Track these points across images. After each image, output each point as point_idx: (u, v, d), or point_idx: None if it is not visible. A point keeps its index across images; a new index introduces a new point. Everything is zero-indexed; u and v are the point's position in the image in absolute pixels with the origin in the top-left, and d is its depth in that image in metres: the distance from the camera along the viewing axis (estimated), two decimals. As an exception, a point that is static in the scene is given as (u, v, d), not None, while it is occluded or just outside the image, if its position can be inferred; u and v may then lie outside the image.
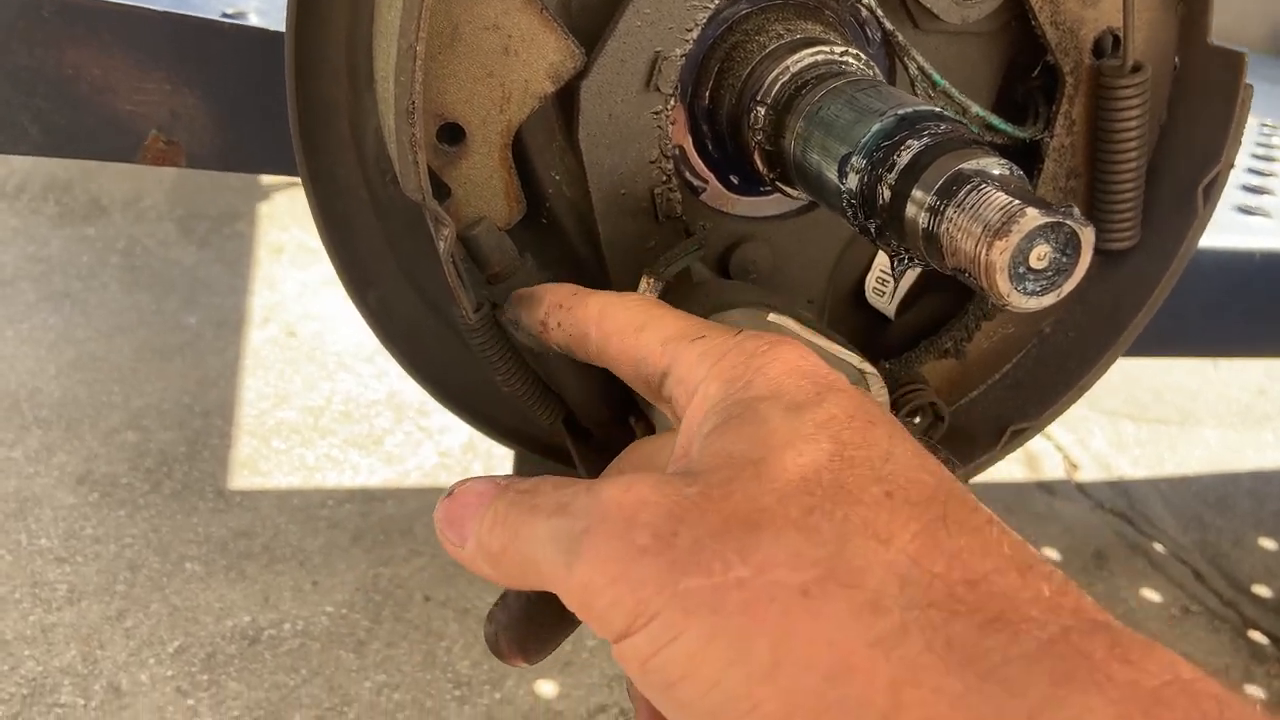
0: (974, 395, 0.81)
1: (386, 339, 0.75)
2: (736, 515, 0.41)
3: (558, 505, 0.45)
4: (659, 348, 0.52)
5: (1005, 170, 0.51)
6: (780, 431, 0.44)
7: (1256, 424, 2.31)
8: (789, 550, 0.39)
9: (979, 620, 0.37)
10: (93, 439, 1.87)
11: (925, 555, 0.39)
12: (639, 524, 0.41)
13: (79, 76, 0.83)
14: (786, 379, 0.47)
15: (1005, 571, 0.39)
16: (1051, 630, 0.36)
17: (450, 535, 0.50)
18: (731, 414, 0.46)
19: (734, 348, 0.49)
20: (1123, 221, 0.74)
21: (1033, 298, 0.49)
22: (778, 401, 0.45)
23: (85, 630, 1.50)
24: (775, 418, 0.44)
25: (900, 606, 0.38)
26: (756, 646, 0.38)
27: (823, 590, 0.38)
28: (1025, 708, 0.35)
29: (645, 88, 0.66)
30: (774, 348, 0.48)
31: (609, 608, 0.41)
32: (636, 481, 0.43)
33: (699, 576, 0.39)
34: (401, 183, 0.60)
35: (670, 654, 0.39)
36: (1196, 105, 0.73)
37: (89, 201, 2.70)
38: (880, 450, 0.43)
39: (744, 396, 0.46)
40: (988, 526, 0.41)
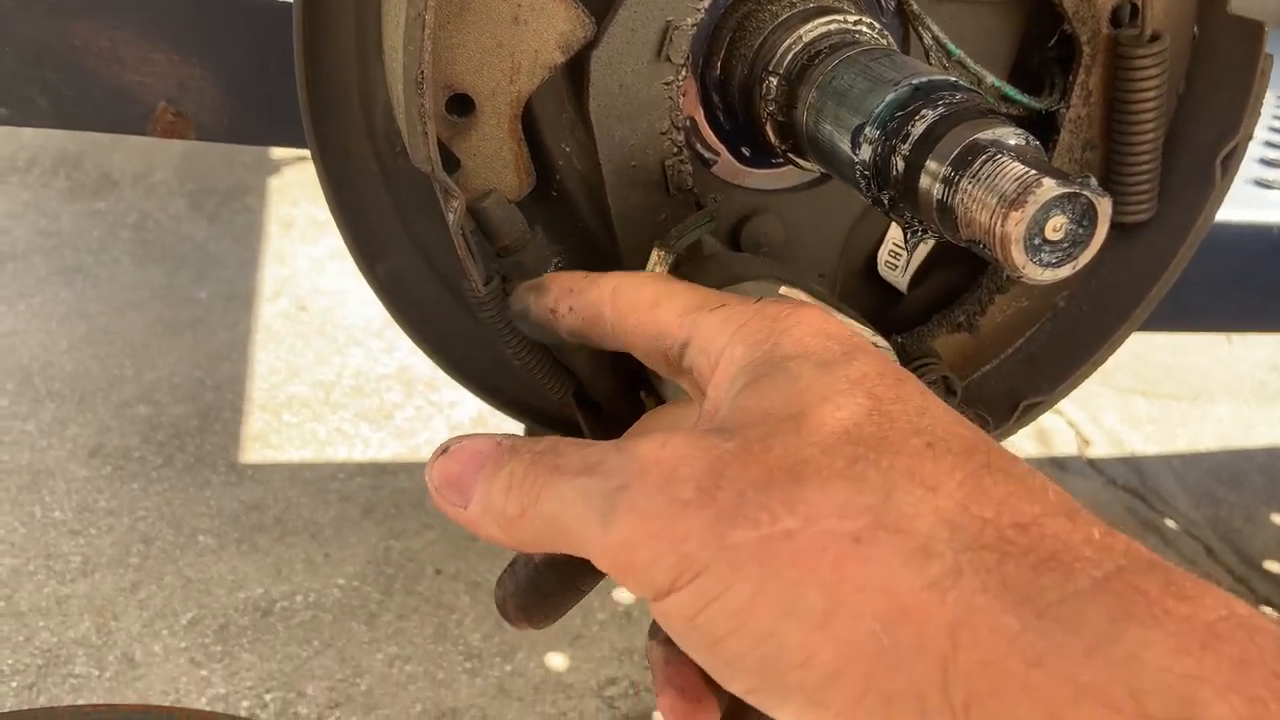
0: (987, 369, 0.80)
1: (396, 311, 0.75)
2: (780, 467, 0.40)
3: (585, 464, 0.44)
4: (677, 320, 0.51)
5: (1021, 140, 0.50)
6: (815, 387, 0.43)
7: (1270, 400, 2.30)
8: (836, 500, 0.39)
9: (1032, 561, 0.37)
10: (105, 413, 1.88)
11: (973, 501, 0.39)
12: (680, 478, 0.40)
13: (86, 48, 0.82)
14: (812, 340, 0.46)
15: (1054, 516, 0.39)
16: (1106, 569, 0.36)
17: (450, 496, 0.48)
18: (761, 373, 0.45)
19: (755, 313, 0.48)
20: (1139, 194, 0.73)
21: (1048, 270, 0.48)
22: (807, 360, 0.45)
23: (99, 602, 1.51)
24: (808, 374, 0.44)
25: (953, 550, 0.37)
26: (809, 596, 0.37)
27: (874, 537, 0.38)
28: (1083, 643, 0.34)
29: (656, 58, 0.65)
30: (797, 311, 0.48)
31: (651, 565, 0.40)
32: (672, 438, 0.42)
33: (746, 529, 0.39)
34: (410, 154, 0.60)
35: (718, 609, 0.38)
36: (1215, 75, 0.71)
37: (100, 176, 2.70)
38: (915, 405, 0.43)
39: (772, 356, 0.46)
40: (1031, 475, 0.41)
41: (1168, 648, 0.34)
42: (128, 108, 0.84)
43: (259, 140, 0.87)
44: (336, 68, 0.69)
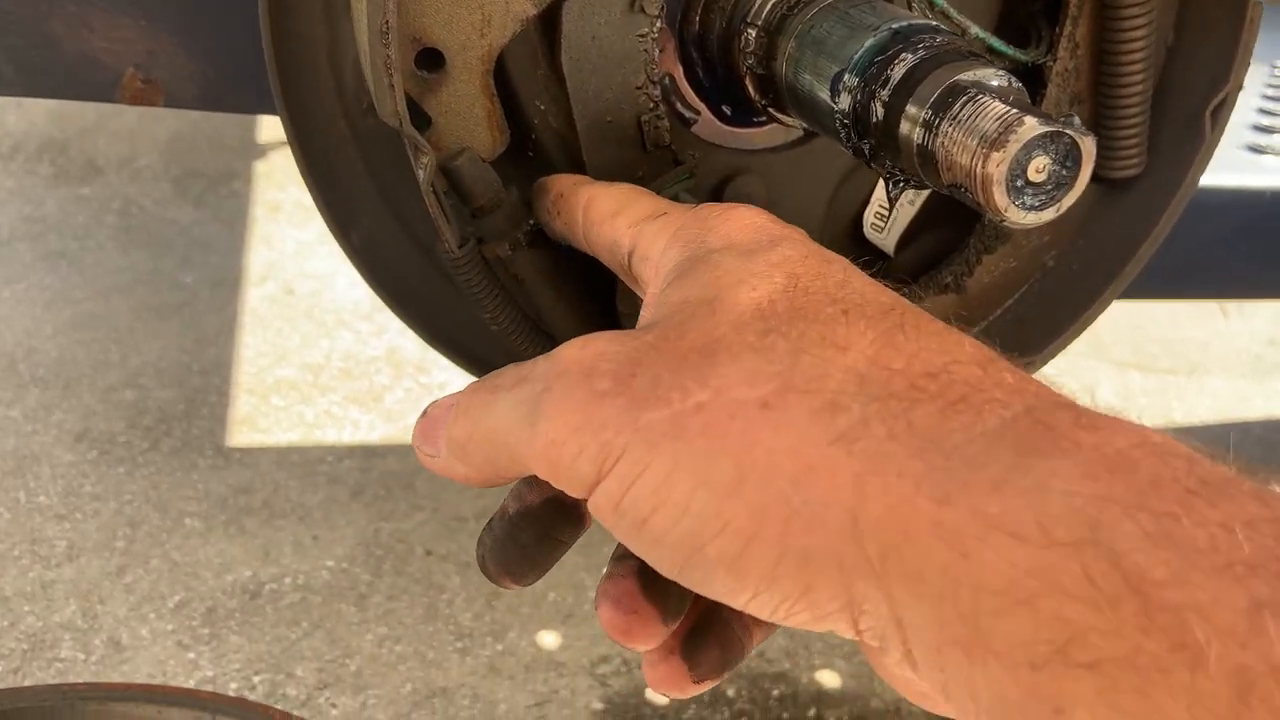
0: (975, 331, 0.78)
1: (372, 279, 0.74)
2: (694, 348, 0.41)
3: (517, 378, 0.45)
4: (627, 229, 0.52)
5: (1003, 81, 0.49)
6: (734, 271, 0.43)
7: (1266, 374, 2.29)
8: (746, 370, 0.39)
9: (940, 405, 0.37)
10: (91, 397, 1.86)
11: (883, 355, 0.39)
12: (598, 373, 0.41)
13: (52, 14, 0.80)
14: (739, 232, 0.46)
15: (966, 364, 0.39)
16: (1015, 409, 0.36)
17: (425, 449, 0.49)
18: (685, 269, 0.46)
19: (691, 217, 0.49)
20: (1128, 148, 0.72)
21: (1031, 213, 0.47)
22: (730, 250, 0.45)
23: (85, 586, 1.50)
24: (727, 262, 0.44)
25: (860, 402, 0.37)
26: (720, 464, 0.38)
27: (782, 400, 0.38)
28: (989, 478, 0.34)
29: (630, 9, 0.63)
30: (730, 209, 0.48)
31: (576, 458, 0.40)
32: (594, 338, 0.43)
33: (659, 408, 0.39)
34: (378, 108, 0.58)
35: (639, 489, 0.39)
36: (1204, 25, 0.70)
37: (84, 162, 2.67)
38: (836, 279, 0.44)
39: (698, 252, 0.46)
40: (947, 331, 0.41)
41: (1075, 474, 0.33)
42: (96, 75, 0.82)
43: (229, 107, 0.85)
44: (304, 28, 0.67)
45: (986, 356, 0.40)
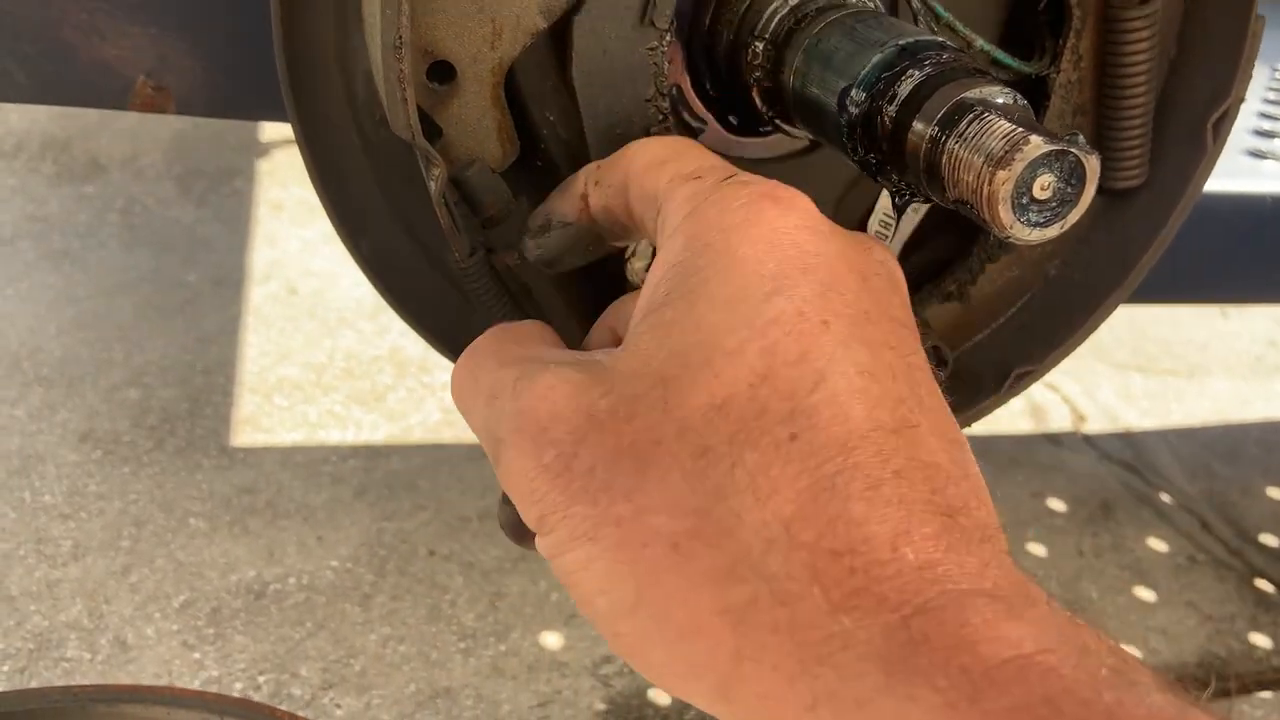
0: (978, 339, 0.79)
1: (382, 287, 0.74)
2: (634, 446, 0.41)
3: (490, 392, 0.47)
4: (665, 183, 0.49)
5: (1009, 99, 0.50)
6: (704, 344, 0.41)
7: (1266, 374, 2.29)
8: (670, 496, 0.40)
9: (833, 598, 0.36)
10: (94, 397, 1.87)
11: (799, 520, 0.38)
12: (546, 441, 0.42)
13: (64, 21, 0.81)
14: (748, 249, 0.42)
15: (875, 544, 0.37)
16: (903, 611, 0.35)
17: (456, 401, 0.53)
18: (671, 296, 0.43)
19: (714, 196, 0.45)
20: (1130, 159, 0.73)
21: (1036, 229, 0.48)
22: (720, 289, 0.42)
23: (90, 585, 1.50)
24: (706, 322, 0.41)
25: (757, 576, 0.37)
26: (623, 584, 0.40)
27: (690, 548, 0.39)
28: (855, 695, 0.35)
29: (640, 23, 0.64)
30: (754, 204, 0.44)
31: (523, 508, 0.44)
32: (556, 388, 0.43)
33: (586, 505, 0.41)
34: (390, 121, 0.59)
35: (562, 563, 0.42)
36: (1206, 38, 0.71)
37: (87, 160, 2.68)
38: (813, 370, 0.40)
39: (694, 267, 0.43)
40: (890, 481, 0.38)
41: (937, 703, 0.33)
42: (107, 82, 0.83)
43: (241, 114, 0.86)
44: (316, 37, 0.68)
45: (901, 529, 0.37)
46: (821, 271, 0.42)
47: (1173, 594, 1.69)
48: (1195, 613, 1.66)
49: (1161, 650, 1.58)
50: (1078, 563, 1.73)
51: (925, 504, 0.38)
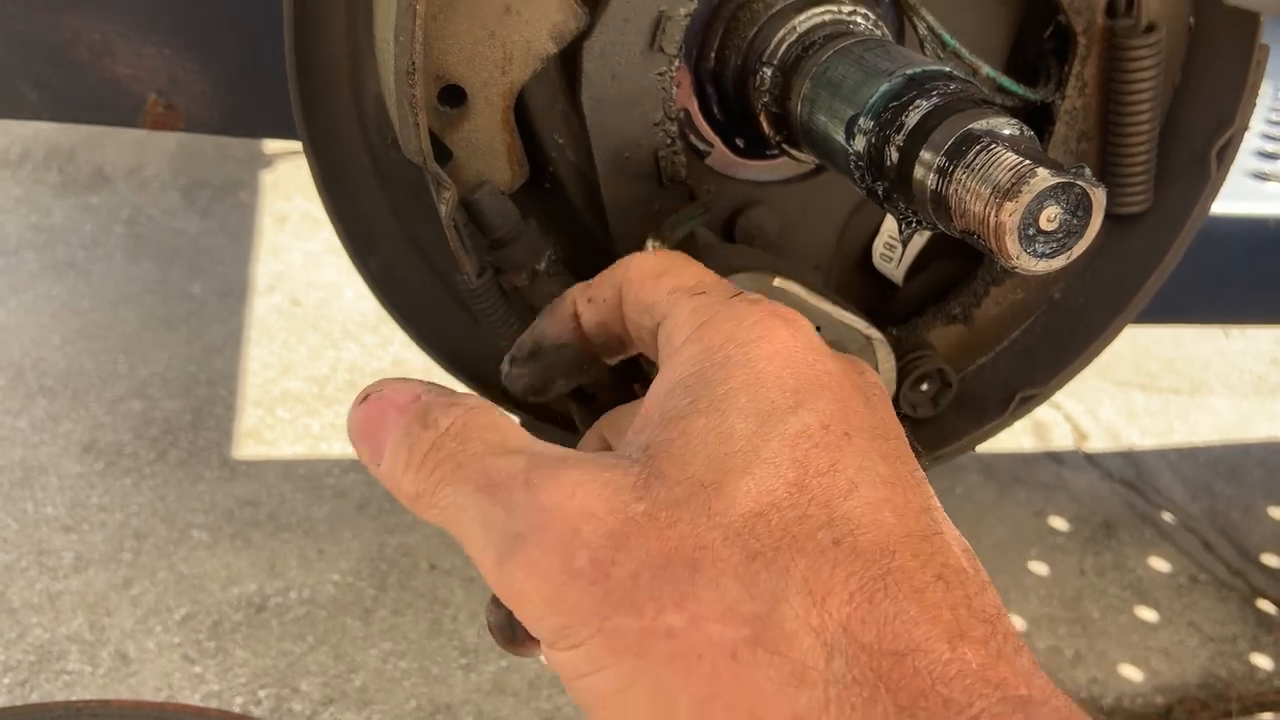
0: (982, 361, 0.80)
1: (389, 305, 0.75)
2: (680, 551, 0.39)
3: (488, 480, 0.42)
4: (667, 295, 0.49)
5: (1016, 130, 0.50)
6: (741, 453, 0.41)
7: (1269, 394, 2.30)
8: (724, 602, 0.38)
9: (899, 702, 0.36)
10: (98, 408, 1.87)
11: (857, 622, 0.38)
12: (579, 542, 0.39)
13: (77, 41, 0.82)
14: (767, 365, 0.43)
15: (935, 643, 0.37)
16: (970, 712, 0.36)
17: (365, 448, 0.47)
18: (699, 405, 0.43)
19: (726, 311, 0.46)
20: (1135, 185, 0.73)
21: (1042, 260, 0.48)
22: (750, 402, 0.42)
23: (92, 598, 1.50)
24: (741, 430, 0.41)
25: (825, 681, 0.37)
26: (679, 702, 0.37)
27: (751, 655, 0.37)
28: None
29: (649, 48, 0.65)
30: (765, 321, 0.45)
31: (537, 620, 0.40)
32: (584, 485, 0.41)
33: (630, 616, 0.38)
34: (402, 145, 0.59)
35: (591, 684, 0.39)
36: (1211, 67, 0.71)
37: (92, 170, 2.69)
38: (845, 479, 0.41)
39: (718, 378, 0.43)
40: (934, 584, 0.39)
41: None
42: (118, 100, 0.83)
43: (251, 132, 0.86)
44: (327, 59, 0.69)
45: (959, 628, 0.38)
46: (835, 388, 0.44)
47: (1174, 614, 1.69)
48: (1197, 633, 1.66)
49: (1163, 671, 1.58)
50: (1079, 582, 1.73)
51: (967, 609, 0.39)
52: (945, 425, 0.76)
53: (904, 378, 0.74)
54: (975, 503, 1.89)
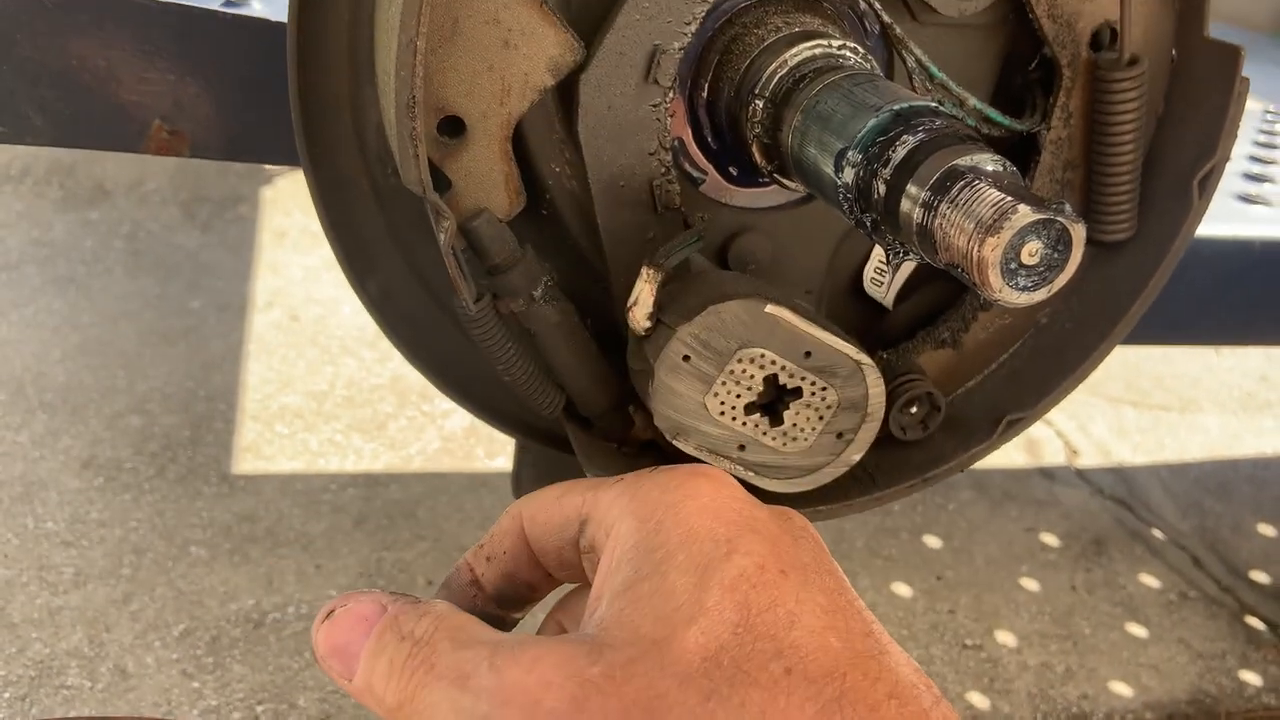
0: (971, 385, 0.81)
1: (388, 327, 0.76)
2: (638, 703, 0.41)
3: (458, 673, 0.44)
4: (579, 500, 0.52)
5: (999, 166, 0.52)
6: (686, 606, 0.44)
7: (1258, 410, 2.31)
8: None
9: None
10: (97, 423, 1.88)
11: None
12: (541, 713, 0.41)
13: (83, 67, 0.83)
14: (698, 520, 0.46)
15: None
16: None
17: (335, 665, 0.49)
18: (641, 572, 0.46)
19: (650, 484, 0.49)
20: (1119, 213, 0.75)
21: (1024, 293, 0.50)
22: (687, 558, 0.45)
23: (91, 613, 1.51)
24: (682, 586, 0.44)
25: None
26: None
27: None
28: None
29: (644, 80, 0.66)
30: (689, 481, 0.48)
31: None
32: (541, 659, 0.43)
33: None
34: (402, 175, 0.61)
35: None
36: (1193, 98, 0.73)
37: (93, 186, 2.70)
38: (786, 613, 0.44)
39: (655, 544, 0.46)
40: (887, 702, 0.41)
41: None
42: (123, 125, 0.85)
43: (254, 158, 0.88)
44: (329, 88, 0.70)
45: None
46: (765, 531, 0.47)
47: (1164, 630, 1.70)
48: (1186, 649, 1.67)
49: (1153, 687, 1.60)
50: (1070, 598, 1.75)
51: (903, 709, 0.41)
52: (934, 448, 0.78)
53: (893, 401, 0.76)
54: (967, 519, 1.90)
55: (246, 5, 1.17)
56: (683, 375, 0.63)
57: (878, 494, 0.76)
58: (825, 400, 0.65)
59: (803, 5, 0.70)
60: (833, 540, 1.80)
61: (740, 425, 0.65)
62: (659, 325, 0.64)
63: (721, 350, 0.62)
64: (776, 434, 0.66)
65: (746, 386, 0.64)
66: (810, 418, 0.66)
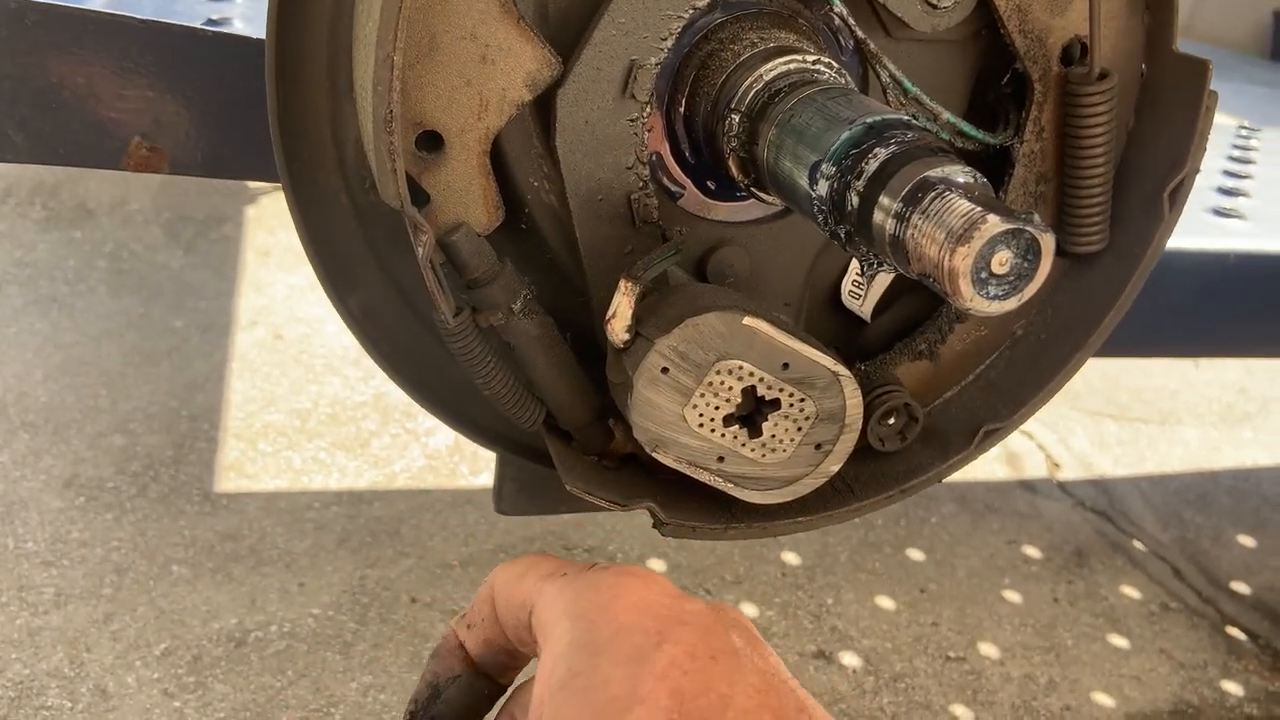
0: (948, 396, 0.82)
1: (369, 343, 0.76)
2: None
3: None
4: (533, 586, 0.55)
5: (969, 178, 0.52)
6: (621, 698, 0.45)
7: (1236, 422, 2.33)
8: None
9: None
10: (80, 443, 1.87)
11: None
12: None
13: (62, 84, 0.83)
14: (628, 616, 0.49)
15: None
16: None
17: None
18: (576, 668, 0.48)
19: (586, 584, 0.52)
20: (1091, 225, 0.75)
21: (995, 302, 0.50)
22: (619, 651, 0.47)
23: (72, 633, 1.50)
24: (616, 678, 0.46)
25: None
26: None
27: None
28: None
29: (621, 95, 0.67)
30: (619, 581, 0.51)
31: None
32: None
33: None
34: (380, 190, 0.61)
35: None
36: (1162, 112, 0.74)
37: (76, 205, 2.70)
38: (719, 696, 0.45)
39: (587, 640, 0.48)
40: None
41: None
42: (102, 143, 0.85)
43: (233, 174, 0.88)
44: (308, 104, 0.71)
45: None
46: (694, 622, 0.49)
47: (1146, 641, 1.71)
48: (1168, 660, 1.68)
49: (1135, 697, 1.60)
50: (1053, 610, 1.75)
51: None
52: (912, 459, 0.78)
53: (872, 412, 0.76)
54: (949, 532, 1.91)
55: (228, 24, 1.18)
56: (661, 387, 0.63)
57: (857, 505, 0.77)
58: (803, 411, 0.66)
59: (778, 21, 0.71)
60: (816, 555, 1.81)
61: (719, 437, 0.65)
62: (637, 338, 0.64)
63: (700, 362, 0.63)
64: (755, 445, 0.66)
65: (725, 398, 0.64)
66: (789, 429, 0.66)
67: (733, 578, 1.73)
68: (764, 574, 1.74)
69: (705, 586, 1.70)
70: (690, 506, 0.73)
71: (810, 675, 1.55)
